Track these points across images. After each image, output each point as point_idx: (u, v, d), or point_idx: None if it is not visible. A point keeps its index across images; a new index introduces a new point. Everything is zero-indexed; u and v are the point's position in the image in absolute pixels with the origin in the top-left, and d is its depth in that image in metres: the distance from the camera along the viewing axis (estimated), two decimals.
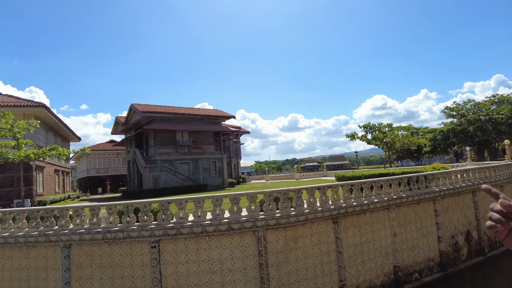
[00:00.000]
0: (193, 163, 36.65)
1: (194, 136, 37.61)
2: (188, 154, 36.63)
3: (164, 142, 35.42)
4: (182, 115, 37.10)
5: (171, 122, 36.15)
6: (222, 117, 40.80)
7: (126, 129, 41.78)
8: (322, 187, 11.79)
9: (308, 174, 56.59)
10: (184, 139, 36.58)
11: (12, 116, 18.09)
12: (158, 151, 34.71)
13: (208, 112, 41.03)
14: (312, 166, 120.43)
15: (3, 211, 11.91)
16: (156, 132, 35.11)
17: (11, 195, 24.51)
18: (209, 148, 38.70)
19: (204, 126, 38.45)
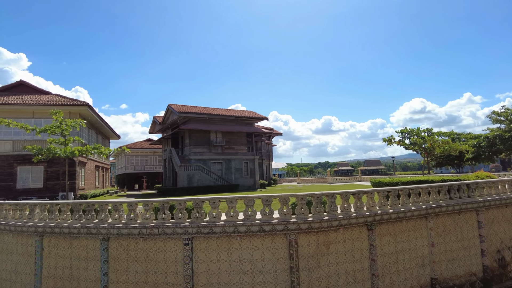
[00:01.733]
0: (226, 163, 37.15)
1: (227, 136, 38.12)
2: (221, 154, 37.20)
3: (198, 142, 36.23)
4: (216, 116, 37.76)
5: (205, 122, 36.90)
6: (255, 119, 41.05)
7: (163, 129, 43.18)
8: (357, 193, 11.51)
9: (342, 179, 55.44)
10: (218, 140, 37.19)
11: (62, 114, 19.30)
12: (192, 151, 35.55)
13: (241, 113, 41.45)
14: (345, 170, 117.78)
15: (50, 202, 12.73)
16: (191, 132, 35.98)
17: (57, 187, 26.16)
18: (242, 148, 39.05)
19: (237, 127, 38.88)
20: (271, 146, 54.36)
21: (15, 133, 26.05)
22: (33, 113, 26.88)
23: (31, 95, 29.26)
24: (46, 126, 18.76)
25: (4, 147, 26.18)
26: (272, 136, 54.09)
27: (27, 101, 26.76)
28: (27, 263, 12.66)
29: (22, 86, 31.36)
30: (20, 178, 26.08)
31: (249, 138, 40.68)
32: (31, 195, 25.21)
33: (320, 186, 38.09)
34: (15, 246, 13.16)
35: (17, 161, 26.03)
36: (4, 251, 13.50)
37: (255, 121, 41.86)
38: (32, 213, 12.89)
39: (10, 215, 13.51)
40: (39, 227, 12.18)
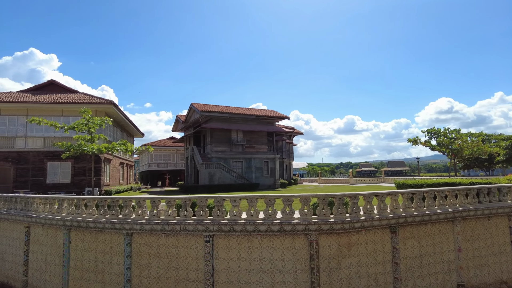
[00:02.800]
0: (246, 162, 37.29)
1: (248, 135, 38.25)
2: (242, 153, 37.37)
3: (220, 140, 36.55)
4: (238, 115, 37.96)
5: (227, 121, 37.17)
6: (276, 118, 40.96)
7: (186, 127, 43.84)
8: (380, 194, 11.26)
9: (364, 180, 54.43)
10: (239, 138, 37.38)
11: (90, 112, 19.97)
12: (214, 149, 35.90)
13: (262, 112, 41.46)
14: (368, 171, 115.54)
15: (78, 197, 13.19)
16: (213, 131, 36.35)
17: (83, 183, 27.07)
18: (262, 148, 39.07)
19: (258, 126, 38.93)
20: (292, 146, 54.08)
21: (45, 130, 27.16)
22: (62, 111, 27.93)
23: (60, 94, 30.42)
24: (74, 123, 19.47)
25: (36, 143, 27.36)
26: (293, 135, 53.81)
27: (57, 100, 27.83)
28: (56, 255, 13.19)
29: (52, 85, 32.66)
30: (50, 173, 27.18)
31: (269, 137, 40.64)
32: (60, 190, 26.22)
33: (342, 187, 37.56)
34: (45, 238, 13.74)
35: (47, 157, 27.14)
36: (35, 243, 14.13)
37: (276, 120, 41.77)
38: (60, 207, 13.40)
39: (41, 208, 14.10)
40: (67, 220, 12.65)
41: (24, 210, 14.73)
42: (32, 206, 14.43)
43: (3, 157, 26.51)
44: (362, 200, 11.26)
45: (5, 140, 26.97)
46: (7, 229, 15.59)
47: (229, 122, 37.27)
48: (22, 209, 14.87)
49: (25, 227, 14.46)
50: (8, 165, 26.54)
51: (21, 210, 14.87)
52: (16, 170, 26.60)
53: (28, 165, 26.84)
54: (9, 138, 27.04)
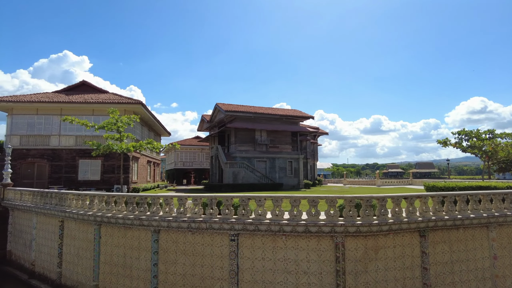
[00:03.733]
0: (270, 161, 37.26)
1: (272, 135, 38.20)
2: (265, 152, 37.38)
3: (244, 140, 36.73)
4: (262, 115, 37.99)
5: (251, 121, 37.29)
6: (300, 117, 40.67)
7: (211, 127, 44.37)
8: (409, 197, 10.94)
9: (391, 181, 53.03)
10: (263, 138, 37.41)
11: (118, 112, 20.61)
12: (238, 149, 36.13)
13: (286, 112, 41.28)
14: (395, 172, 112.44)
15: (108, 194, 13.65)
16: (237, 130, 36.57)
17: (112, 180, 27.99)
18: (286, 147, 38.91)
19: (282, 125, 38.80)
20: (317, 146, 53.51)
21: (77, 129, 28.29)
22: (93, 110, 28.99)
23: (91, 94, 31.59)
24: (104, 122, 20.13)
25: (68, 141, 28.56)
26: (317, 135, 53.25)
27: (88, 100, 28.92)
28: (87, 249, 13.72)
29: (84, 85, 33.98)
30: (81, 171, 28.30)
31: (294, 137, 40.40)
32: (90, 186, 27.23)
33: (368, 189, 36.78)
34: (77, 232, 14.33)
35: (79, 155, 28.26)
36: (69, 236, 14.76)
37: (300, 120, 41.46)
38: (91, 203, 13.92)
39: (74, 204, 14.71)
40: (97, 216, 13.13)
41: (58, 205, 15.42)
42: (66, 202, 15.08)
43: (39, 154, 27.86)
44: (390, 203, 10.97)
45: (41, 138, 28.33)
46: (43, 223, 16.39)
47: (253, 121, 37.36)
48: (57, 204, 15.58)
49: (59, 221, 15.14)
50: (44, 162, 27.87)
51: (55, 205, 15.57)
52: (51, 167, 27.89)
53: (62, 162, 28.07)
54: (45, 136, 28.38)
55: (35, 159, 27.82)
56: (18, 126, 28.15)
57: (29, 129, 28.29)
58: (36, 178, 27.68)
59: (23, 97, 28.88)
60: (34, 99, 28.26)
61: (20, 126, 28.19)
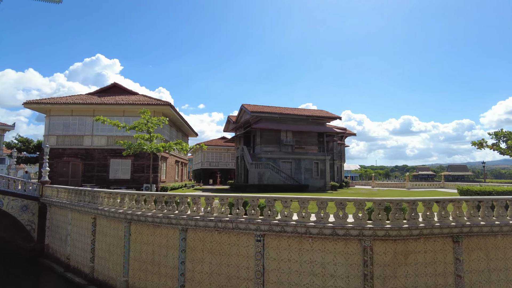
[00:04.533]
0: (296, 162, 37.00)
1: (298, 136, 37.92)
2: (291, 153, 37.17)
3: (269, 141, 36.71)
4: (287, 115, 37.82)
5: (276, 121, 37.21)
6: (326, 118, 40.13)
7: (236, 127, 44.69)
8: (441, 200, 10.52)
9: (422, 184, 51.18)
10: (288, 139, 37.23)
11: (149, 113, 21.22)
12: (263, 149, 36.16)
13: (312, 112, 40.86)
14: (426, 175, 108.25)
15: (138, 193, 14.07)
16: (263, 131, 36.61)
17: (141, 179, 28.79)
18: (312, 148, 38.50)
19: (308, 126, 38.44)
20: (344, 147, 52.58)
21: (109, 129, 29.35)
22: (123, 111, 29.98)
23: (122, 96, 32.69)
24: (135, 123, 20.78)
25: (100, 141, 29.70)
26: (344, 136, 52.32)
27: (119, 101, 29.94)
28: (118, 245, 14.19)
29: (115, 87, 35.21)
30: (112, 170, 29.33)
31: (320, 138, 39.91)
32: (120, 185, 28.14)
33: (398, 191, 35.70)
34: (109, 229, 14.86)
35: (110, 154, 29.31)
36: (100, 233, 15.34)
37: (327, 121, 40.89)
38: (122, 201, 14.40)
39: (105, 202, 15.27)
40: (127, 214, 13.56)
41: (91, 203, 16.08)
42: (98, 200, 15.69)
43: (73, 154, 29.16)
44: (421, 206, 10.59)
45: (75, 138, 29.65)
46: (78, 219, 17.13)
47: (279, 122, 37.25)
48: (90, 201, 16.24)
49: (92, 218, 15.77)
50: (77, 161, 29.14)
51: (88, 203, 16.24)
52: (84, 166, 29.10)
53: (94, 161, 29.22)
54: (79, 136, 29.67)
55: (70, 158, 29.13)
56: (55, 127, 29.60)
57: (64, 129, 29.68)
58: (71, 176, 28.97)
59: (59, 99, 30.34)
60: (69, 101, 29.62)
61: (56, 127, 29.64)
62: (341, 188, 42.05)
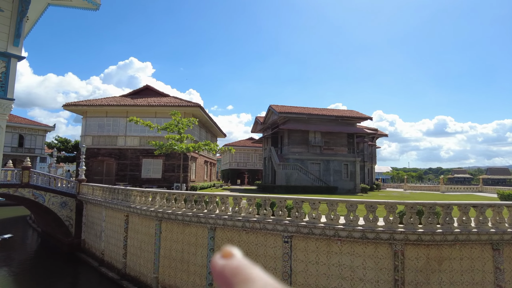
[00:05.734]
0: (324, 164, 36.50)
1: (327, 137, 37.39)
2: (319, 154, 36.71)
3: (297, 141, 36.47)
4: (316, 116, 37.40)
5: (304, 122, 36.90)
6: (356, 118, 39.28)
7: (264, 128, 44.78)
8: (479, 205, 10.00)
9: (457, 188, 48.88)
10: (317, 140, 36.79)
11: (180, 114, 21.75)
12: (291, 150, 35.96)
13: (342, 112, 40.15)
14: (462, 178, 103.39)
15: (168, 192, 14.44)
16: (290, 132, 36.42)
17: (172, 178, 29.53)
18: (342, 150, 37.82)
19: (337, 127, 37.81)
20: (375, 148, 51.25)
21: (141, 130, 30.36)
22: (155, 113, 30.91)
23: (154, 98, 33.71)
24: (166, 124, 21.35)
25: (133, 142, 30.78)
26: (375, 137, 50.99)
27: (151, 103, 30.90)
28: (149, 243, 14.63)
29: (147, 90, 36.39)
30: (144, 169, 30.32)
31: (350, 139, 39.13)
32: (152, 184, 29.03)
33: (431, 195, 34.31)
34: (140, 226, 15.35)
35: (142, 154, 30.30)
36: (133, 230, 15.88)
37: (357, 121, 40.02)
38: (153, 200, 14.83)
39: (137, 200, 15.79)
40: (158, 212, 13.95)
41: (124, 201, 16.68)
42: (131, 198, 16.25)
43: (108, 153, 30.42)
44: (456, 211, 10.12)
45: (110, 139, 30.92)
46: (111, 216, 17.83)
47: (307, 123, 36.92)
48: (123, 200, 16.85)
49: (125, 215, 16.36)
50: (111, 161, 30.36)
51: (122, 201, 16.86)
52: (118, 165, 30.28)
53: (127, 161, 30.33)
54: (113, 136, 30.91)
55: (104, 157, 30.40)
56: (90, 128, 31.02)
57: (99, 130, 31.02)
58: (105, 175, 30.23)
59: (95, 101, 31.77)
60: (103, 103, 30.93)
61: (92, 128, 31.04)
62: (371, 191, 41.02)
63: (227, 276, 0.35)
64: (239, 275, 0.34)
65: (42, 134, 49.95)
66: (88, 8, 8.94)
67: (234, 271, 0.34)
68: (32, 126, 48.08)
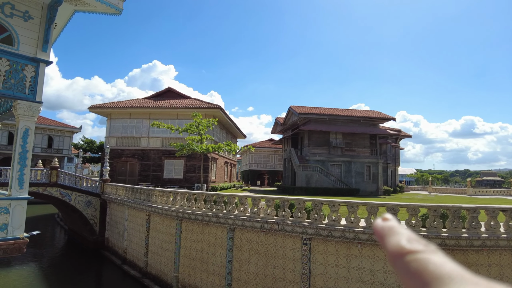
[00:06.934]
0: (346, 165, 35.96)
1: (348, 138, 36.83)
2: (340, 156, 36.20)
3: (317, 142, 36.12)
4: (337, 117, 36.93)
5: (325, 123, 36.51)
6: (379, 119, 38.47)
7: (284, 129, 44.65)
8: (509, 209, 9.56)
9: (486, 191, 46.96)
10: (338, 141, 36.31)
11: (200, 116, 22.06)
12: (311, 151, 35.67)
13: (364, 113, 39.44)
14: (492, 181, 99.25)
15: (189, 192, 14.65)
16: (311, 133, 36.12)
17: (193, 179, 29.94)
18: (364, 151, 37.14)
19: (359, 128, 37.17)
20: (398, 150, 50.05)
21: (163, 131, 30.95)
22: (177, 114, 31.47)
23: (175, 100, 34.33)
24: (187, 125, 21.70)
25: (156, 143, 31.45)
26: (399, 138, 49.80)
27: (173, 105, 31.48)
28: (169, 242, 14.89)
29: (169, 92, 37.10)
30: (166, 169, 30.90)
31: (372, 140, 38.38)
32: (173, 184, 29.54)
33: (457, 198, 33.13)
34: (161, 226, 15.64)
35: (164, 155, 30.90)
36: (154, 229, 16.21)
37: (380, 122, 39.20)
38: (174, 200, 15.08)
39: (159, 200, 16.11)
40: (179, 212, 14.17)
41: (146, 201, 17.05)
42: (152, 198, 16.59)
43: (131, 154, 31.22)
44: (483, 215, 9.72)
45: (133, 140, 31.74)
46: (134, 216, 18.27)
47: (328, 124, 36.51)
48: (145, 199, 17.23)
49: (147, 215, 16.72)
50: (135, 161, 31.15)
51: (143, 200, 17.24)
52: (141, 166, 31.02)
53: (149, 161, 31.02)
54: (136, 138, 31.71)
55: (127, 158, 31.22)
56: (115, 129, 31.93)
57: (123, 131, 31.88)
58: (128, 175, 31.02)
59: (119, 103, 32.69)
60: (127, 105, 31.78)
61: (116, 129, 31.94)
62: (394, 193, 40.08)
63: (384, 233, 0.51)
64: (392, 231, 0.50)
65: (69, 135, 51.90)
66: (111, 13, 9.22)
67: (389, 228, 0.51)
68: (60, 128, 50.04)
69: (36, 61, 8.50)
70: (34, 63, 8.46)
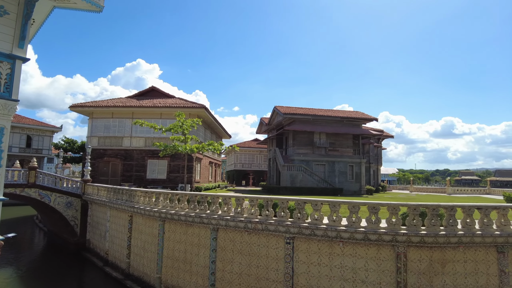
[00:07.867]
0: (329, 165, 36.36)
1: (332, 138, 37.27)
2: (324, 156, 36.59)
3: (302, 143, 36.39)
4: (321, 117, 37.31)
5: (309, 123, 36.82)
6: (362, 120, 39.08)
7: (269, 129, 44.79)
8: (484, 207, 9.88)
9: (465, 190, 48.40)
10: (322, 141, 36.68)
11: (184, 116, 21.88)
12: (296, 151, 35.90)
13: (347, 114, 39.99)
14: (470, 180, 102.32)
15: (172, 192, 14.51)
16: (295, 133, 36.37)
17: (177, 179, 29.65)
18: (347, 151, 37.66)
19: (342, 128, 37.66)
20: (381, 150, 50.94)
21: (146, 131, 30.55)
22: (160, 114, 31.09)
23: (159, 99, 33.92)
24: (171, 125, 21.50)
25: (139, 143, 30.99)
26: (381, 138, 50.71)
27: (156, 104, 31.09)
28: (152, 243, 14.71)
29: (153, 91, 36.62)
30: (149, 170, 30.49)
31: (355, 140, 38.96)
32: (157, 185, 29.18)
33: (437, 197, 34.01)
34: (144, 227, 15.44)
35: (148, 155, 30.49)
36: (136, 230, 15.98)
37: (363, 122, 39.82)
38: (157, 200, 14.91)
39: (141, 200, 15.90)
40: (162, 213, 14.02)
41: (128, 201, 16.80)
42: (135, 198, 16.36)
43: (114, 154, 30.67)
44: (460, 213, 10.02)
45: (116, 140, 31.17)
46: (116, 217, 17.97)
47: (312, 124, 36.84)
48: (127, 200, 16.97)
49: (129, 216, 16.47)
50: (117, 161, 30.60)
51: (126, 201, 16.98)
52: (123, 166, 30.51)
53: (132, 161, 30.54)
54: (119, 137, 31.16)
55: (110, 158, 30.65)
56: (97, 128, 31.30)
57: (105, 131, 31.28)
58: (111, 175, 30.46)
59: (101, 102, 32.06)
60: (110, 104, 31.20)
61: (98, 129, 31.32)
62: (377, 192, 40.79)
63: None
64: None
65: (49, 135, 50.56)
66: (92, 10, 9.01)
67: None
68: (39, 127, 48.70)
69: (12, 57, 8.24)
70: (10, 60, 8.20)
